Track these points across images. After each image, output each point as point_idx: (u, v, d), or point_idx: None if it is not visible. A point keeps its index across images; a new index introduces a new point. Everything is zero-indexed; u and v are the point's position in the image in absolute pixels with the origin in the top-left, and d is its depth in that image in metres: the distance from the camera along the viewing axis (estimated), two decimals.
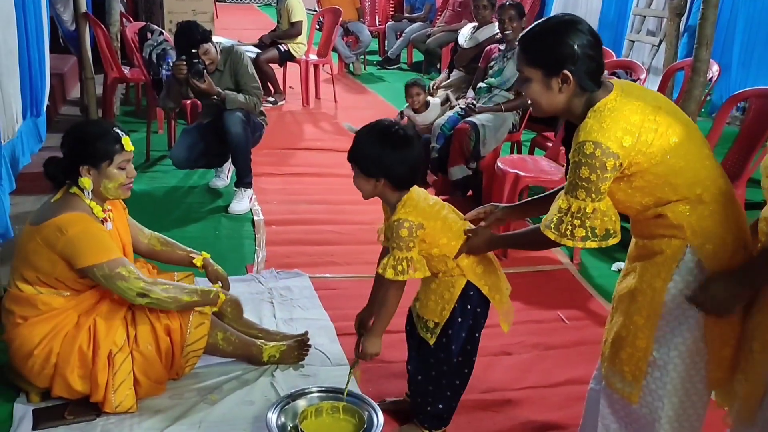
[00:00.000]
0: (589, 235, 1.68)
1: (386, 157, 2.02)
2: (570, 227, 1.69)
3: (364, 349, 2.18)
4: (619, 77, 3.86)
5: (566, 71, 1.67)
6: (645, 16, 6.90)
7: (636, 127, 1.63)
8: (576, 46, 1.66)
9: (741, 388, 1.69)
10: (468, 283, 2.11)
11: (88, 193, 2.28)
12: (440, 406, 2.24)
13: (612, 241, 1.70)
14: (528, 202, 2.28)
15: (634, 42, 6.90)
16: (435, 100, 4.86)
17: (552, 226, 1.72)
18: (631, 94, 1.69)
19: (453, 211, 2.17)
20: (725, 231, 1.66)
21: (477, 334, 2.20)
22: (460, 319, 2.13)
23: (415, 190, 2.11)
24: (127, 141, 2.31)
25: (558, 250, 3.83)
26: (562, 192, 1.73)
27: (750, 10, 6.24)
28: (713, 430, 1.91)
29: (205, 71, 3.98)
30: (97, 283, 2.26)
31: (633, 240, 1.83)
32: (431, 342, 2.15)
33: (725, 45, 6.41)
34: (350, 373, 2.29)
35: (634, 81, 4.03)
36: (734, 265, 1.64)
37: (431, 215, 2.08)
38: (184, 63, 3.95)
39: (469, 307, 2.13)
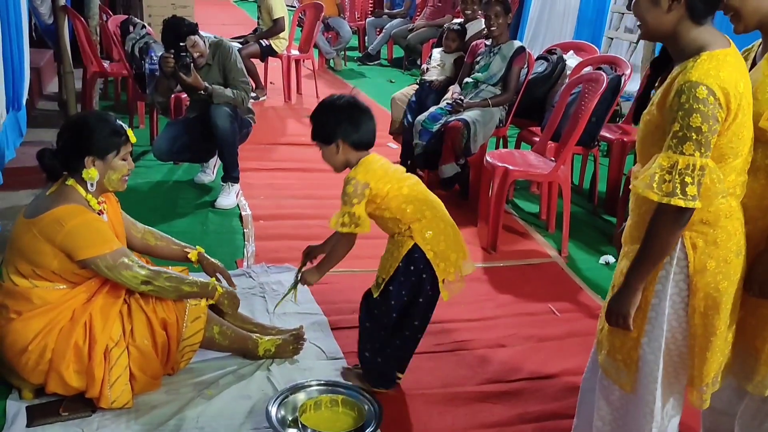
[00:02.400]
0: (698, 193, 1.53)
1: (335, 118, 2.24)
2: (679, 185, 1.51)
3: (304, 276, 2.41)
4: (605, 73, 3.91)
5: None
6: (623, 14, 6.98)
7: (736, 99, 1.54)
8: None
9: (763, 358, 1.74)
10: (415, 245, 2.24)
11: (92, 184, 2.26)
12: (378, 360, 2.39)
13: (724, 201, 1.60)
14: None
15: (612, 39, 6.98)
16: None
17: (654, 185, 1.54)
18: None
19: (418, 183, 2.33)
20: (717, 227, 1.66)
21: (420, 299, 2.32)
22: (402, 278, 2.27)
23: (373, 154, 2.31)
24: (130, 133, 2.32)
25: (545, 243, 3.87)
26: (663, 150, 1.56)
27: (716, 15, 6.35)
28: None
29: (192, 65, 3.94)
30: (97, 274, 2.24)
31: (629, 221, 1.80)
32: (375, 295, 2.32)
33: None
34: (289, 292, 2.48)
35: (619, 77, 4.08)
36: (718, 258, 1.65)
37: (382, 177, 2.24)
38: (172, 57, 3.91)
39: (412, 268, 2.26)
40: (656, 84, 1.73)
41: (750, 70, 1.73)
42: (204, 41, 4.10)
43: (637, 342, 1.72)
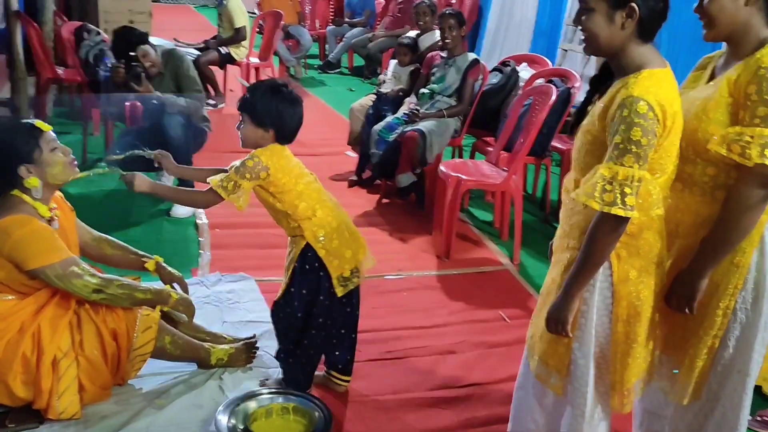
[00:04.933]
0: (636, 204, 1.59)
1: (280, 111, 2.29)
2: (620, 195, 1.57)
3: (134, 179, 2.36)
4: (556, 86, 4.02)
5: (633, 4, 1.61)
6: (578, 27, 7.16)
7: (671, 117, 1.60)
8: None
9: (692, 368, 1.82)
10: (307, 244, 2.32)
11: (38, 191, 2.24)
12: (290, 360, 2.45)
13: (655, 213, 1.67)
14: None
15: (567, 51, 7.15)
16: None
17: (596, 195, 1.59)
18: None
19: (315, 181, 2.42)
20: (640, 239, 1.72)
21: (321, 297, 2.36)
22: (300, 277, 2.35)
23: (285, 147, 2.37)
24: (41, 123, 2.28)
25: (498, 251, 3.95)
26: (604, 161, 1.61)
27: (673, 24, 6.57)
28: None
29: (143, 75, 3.93)
30: (47, 285, 2.22)
31: (558, 231, 1.86)
32: (279, 295, 2.40)
33: None
34: (96, 168, 2.47)
35: (569, 89, 4.20)
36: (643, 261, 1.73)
37: (282, 168, 2.30)
38: (122, 67, 3.91)
39: (307, 266, 2.34)
40: (594, 98, 1.80)
41: (709, 80, 1.80)
42: (155, 50, 4.10)
43: (568, 347, 1.79)
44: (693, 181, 1.77)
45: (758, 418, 2.41)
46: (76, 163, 2.34)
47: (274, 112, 2.29)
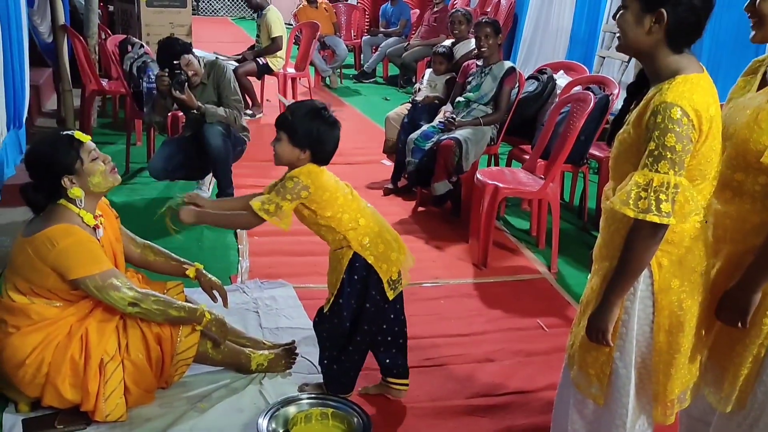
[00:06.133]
0: (672, 210, 1.57)
1: (320, 134, 2.29)
2: (654, 202, 1.56)
3: (183, 214, 2.36)
4: (594, 93, 4.00)
5: (663, 10, 1.60)
6: (615, 33, 7.10)
7: (708, 122, 1.59)
8: None
9: (736, 376, 1.79)
10: (355, 254, 2.33)
11: (81, 201, 2.30)
12: (334, 367, 2.46)
13: (693, 220, 1.64)
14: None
15: (604, 58, 7.08)
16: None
17: (630, 202, 1.58)
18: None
19: (352, 191, 2.43)
20: (682, 247, 1.71)
21: (368, 305, 2.39)
22: (349, 289, 2.36)
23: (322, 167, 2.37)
24: (80, 134, 2.34)
25: (535, 259, 3.93)
26: (639, 168, 1.60)
27: (715, 28, 6.47)
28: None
29: (186, 84, 4.03)
30: (89, 294, 2.28)
31: (599, 240, 1.85)
32: (326, 309, 2.41)
33: None
34: (162, 212, 2.43)
35: (607, 96, 4.17)
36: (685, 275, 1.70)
37: (322, 185, 2.31)
38: (166, 74, 4.01)
39: (356, 277, 2.35)
40: (632, 106, 1.80)
41: (758, 89, 1.76)
42: (199, 60, 4.20)
43: (609, 356, 1.77)
44: (744, 190, 1.73)
45: None
46: (116, 170, 2.40)
47: (313, 134, 2.29)
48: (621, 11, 1.69)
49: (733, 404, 1.81)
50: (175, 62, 4.04)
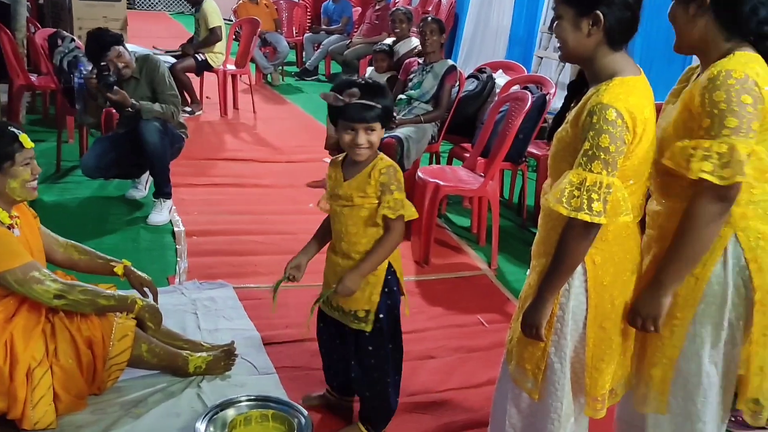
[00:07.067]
0: (604, 210, 1.60)
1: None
2: (586, 201, 1.59)
3: (345, 287, 2.10)
4: (531, 92, 4.07)
5: (598, 12, 1.63)
6: (552, 34, 7.25)
7: (642, 124, 1.62)
8: None
9: (650, 377, 1.82)
10: (389, 264, 2.18)
11: None
12: (384, 400, 2.28)
13: (625, 219, 1.65)
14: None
15: (542, 58, 7.23)
16: None
17: (564, 200, 1.61)
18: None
19: None
20: (615, 245, 1.74)
21: (397, 316, 2.26)
22: (389, 302, 2.20)
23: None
24: (25, 138, 2.25)
25: (476, 256, 3.98)
26: (574, 167, 1.63)
27: (647, 29, 6.69)
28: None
29: (115, 84, 3.91)
30: (10, 291, 2.19)
31: (537, 237, 1.87)
32: (368, 329, 2.17)
33: None
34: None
35: (544, 96, 4.25)
36: (617, 280, 1.73)
37: None
38: (94, 77, 3.89)
39: (387, 289, 2.19)
40: (571, 104, 1.83)
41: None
42: (130, 54, 4.08)
43: (545, 352, 1.80)
44: (674, 192, 1.77)
45: (732, 419, 2.44)
46: (36, 189, 2.31)
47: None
48: (556, 22, 1.71)
49: (652, 407, 1.84)
50: (102, 63, 3.92)
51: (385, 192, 2.10)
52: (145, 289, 2.58)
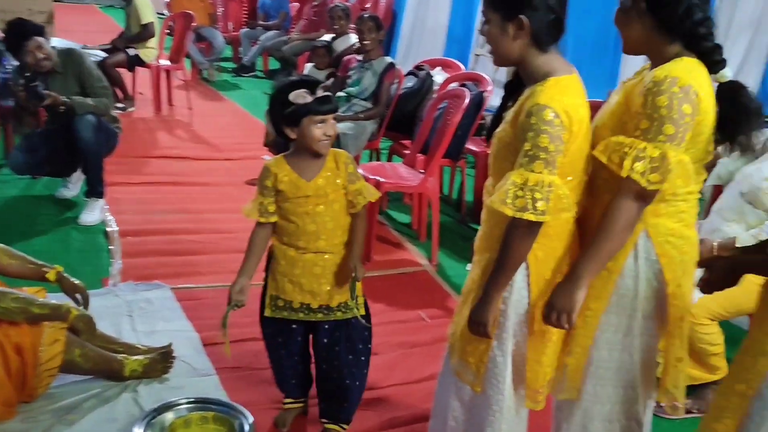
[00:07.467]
0: (548, 208, 1.63)
1: None
2: (531, 200, 1.62)
3: (360, 269, 2.22)
4: (469, 90, 4.12)
5: (522, 17, 1.66)
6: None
7: (578, 122, 1.67)
8: None
9: (565, 365, 1.87)
10: None
11: None
12: (364, 385, 2.37)
13: (567, 216, 1.69)
14: None
15: (479, 56, 7.34)
16: None
17: (508, 201, 1.64)
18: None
19: None
20: (556, 240, 1.77)
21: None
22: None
23: None
24: None
25: (417, 252, 4.01)
26: (515, 167, 1.66)
27: (578, 30, 6.89)
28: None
29: (42, 86, 3.78)
30: None
31: (479, 232, 1.90)
32: (362, 312, 2.29)
33: None
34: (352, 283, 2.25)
35: (481, 93, 4.31)
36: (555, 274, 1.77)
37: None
38: (22, 90, 3.76)
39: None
40: (509, 104, 1.86)
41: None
42: (50, 47, 3.95)
43: (488, 345, 1.83)
44: (609, 187, 1.78)
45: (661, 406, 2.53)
46: None
47: None
48: (485, 25, 1.74)
49: (566, 394, 1.89)
50: (26, 74, 3.80)
51: (353, 180, 2.19)
52: (77, 295, 2.49)
